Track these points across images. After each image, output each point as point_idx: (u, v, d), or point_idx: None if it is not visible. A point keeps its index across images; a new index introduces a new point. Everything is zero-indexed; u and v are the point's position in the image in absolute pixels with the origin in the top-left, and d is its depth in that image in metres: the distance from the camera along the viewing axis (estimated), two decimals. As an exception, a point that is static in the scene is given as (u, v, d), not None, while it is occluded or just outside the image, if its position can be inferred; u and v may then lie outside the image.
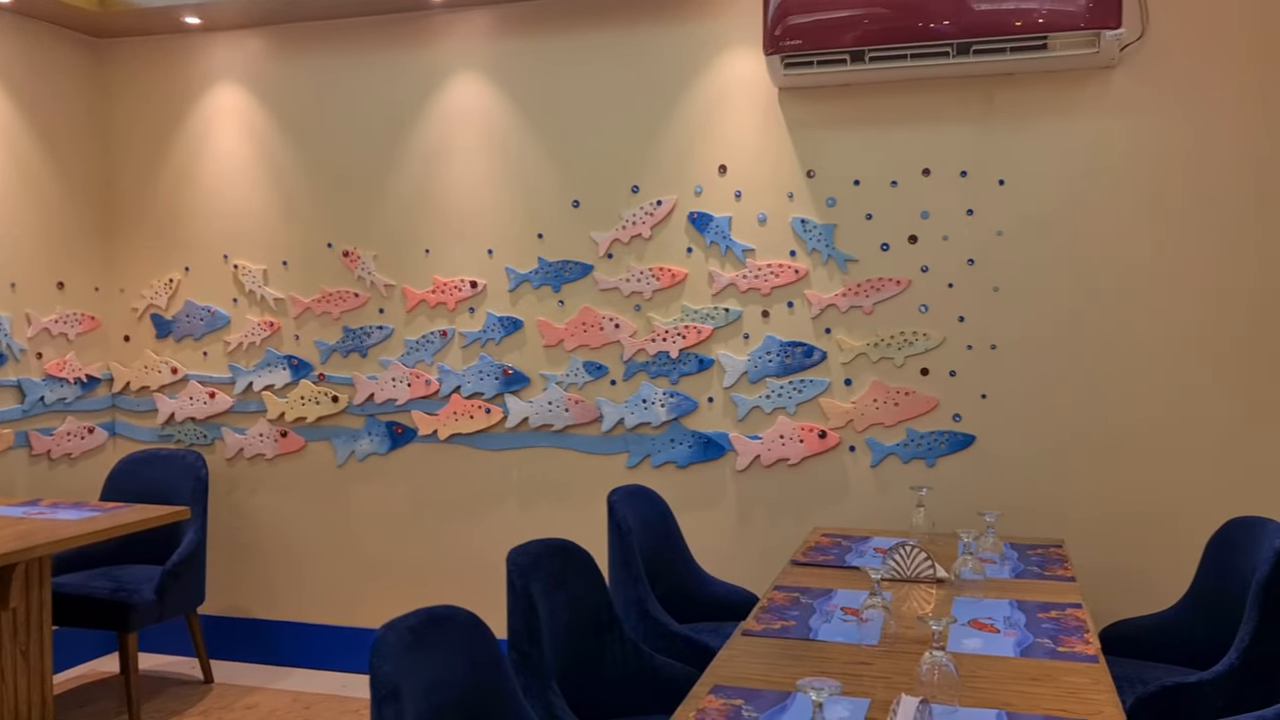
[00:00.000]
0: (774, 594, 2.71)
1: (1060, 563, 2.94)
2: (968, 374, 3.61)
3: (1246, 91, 3.30)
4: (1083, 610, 2.49)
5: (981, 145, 3.57)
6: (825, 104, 3.71)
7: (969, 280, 3.60)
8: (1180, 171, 3.38)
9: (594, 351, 3.98)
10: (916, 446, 3.67)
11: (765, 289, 3.80)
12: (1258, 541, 2.72)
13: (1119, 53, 3.37)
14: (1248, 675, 2.54)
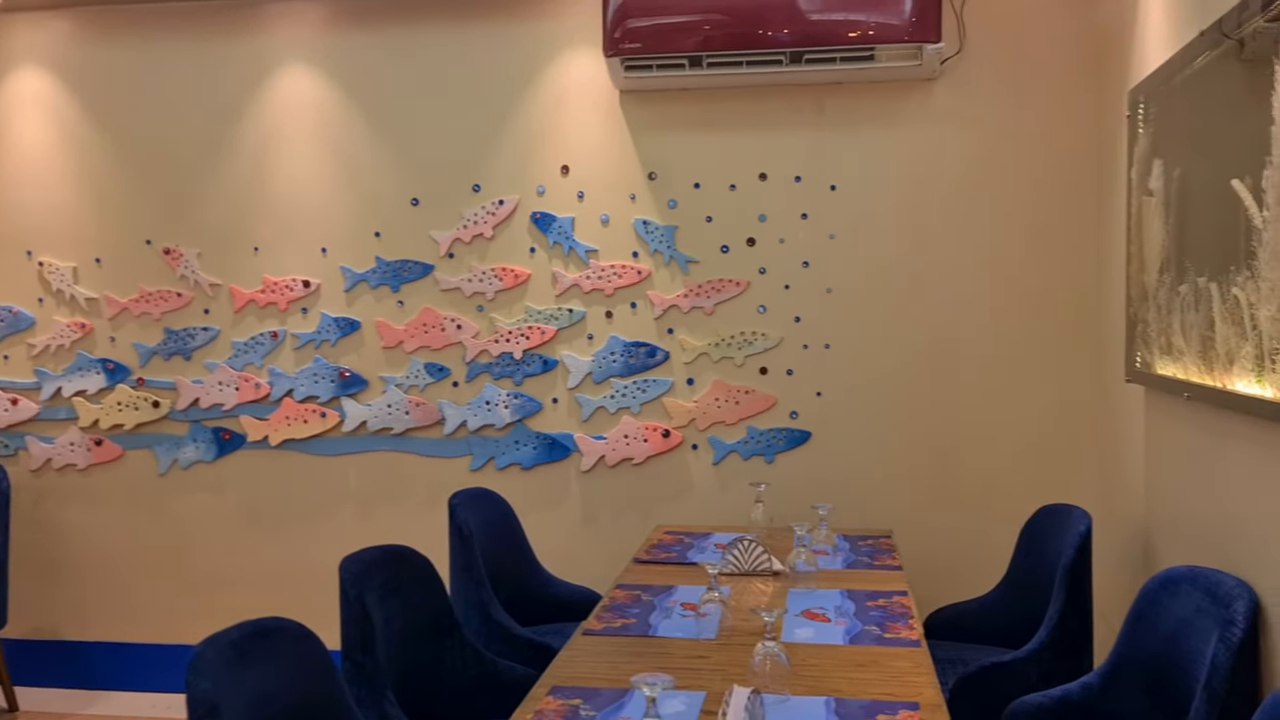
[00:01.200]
0: (616, 592, 2.72)
1: (889, 553, 3.06)
2: (804, 372, 3.72)
3: (1054, 104, 3.53)
4: (908, 597, 2.60)
5: (814, 151, 3.69)
6: (666, 107, 3.76)
7: (804, 282, 3.71)
8: (997, 178, 3.58)
9: (435, 353, 3.90)
10: (756, 444, 3.75)
11: (608, 290, 3.81)
12: (1064, 527, 2.90)
13: (940, 66, 3.54)
14: (1056, 651, 2.71)
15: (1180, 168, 2.50)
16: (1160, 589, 2.30)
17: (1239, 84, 2.20)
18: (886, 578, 2.80)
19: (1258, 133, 1.96)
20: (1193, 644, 2.13)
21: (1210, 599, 2.13)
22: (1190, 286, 2.40)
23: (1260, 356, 1.99)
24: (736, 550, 2.86)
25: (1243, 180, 2.06)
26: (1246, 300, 2.05)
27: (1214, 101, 2.31)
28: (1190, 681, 2.11)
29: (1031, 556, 3.06)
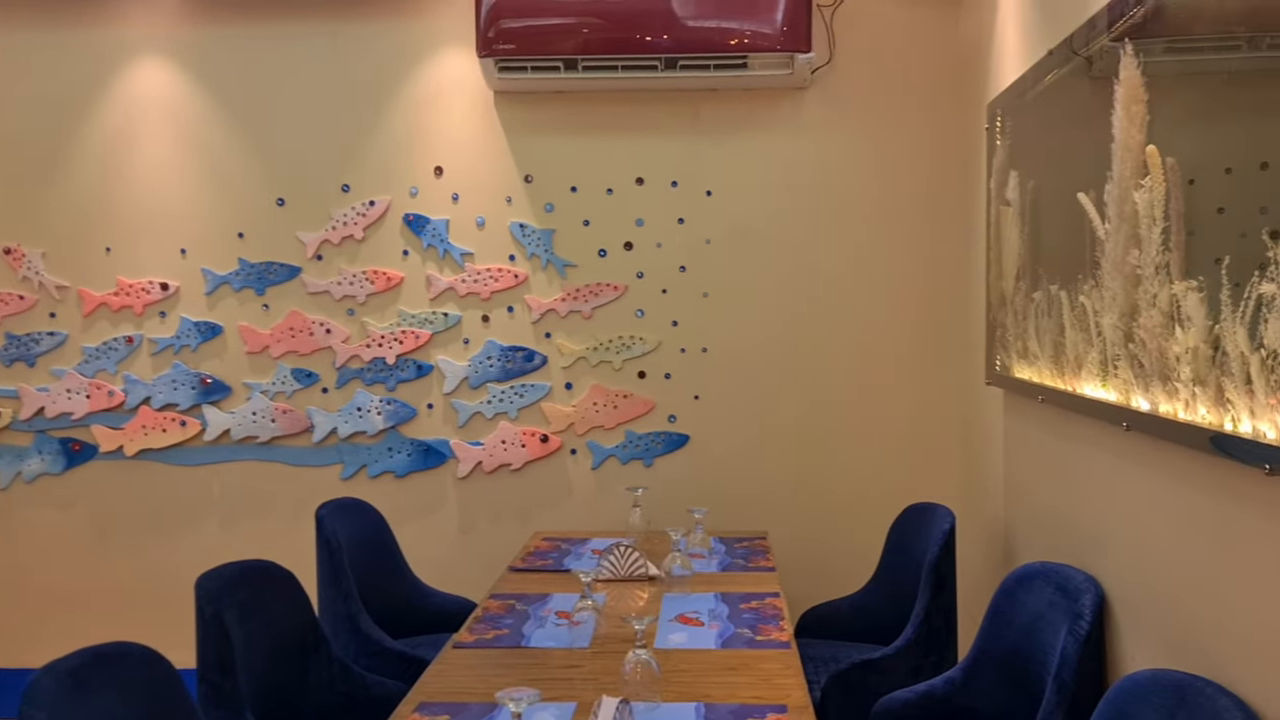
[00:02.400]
0: (489, 603, 2.67)
1: (763, 554, 3.10)
2: (682, 376, 3.74)
3: (920, 114, 3.64)
4: (780, 599, 2.64)
5: (690, 157, 3.71)
6: (542, 109, 3.72)
7: (681, 286, 3.73)
8: (866, 186, 3.67)
9: (303, 358, 3.77)
10: (635, 447, 3.75)
11: (485, 293, 3.75)
12: (929, 526, 2.99)
13: (811, 75, 3.61)
14: (923, 647, 2.79)
15: (1034, 179, 2.61)
16: (1017, 584, 2.39)
17: (1086, 100, 2.30)
18: (760, 579, 2.83)
19: (1100, 148, 2.05)
20: (1046, 637, 2.22)
21: (1061, 593, 2.22)
22: (1044, 293, 2.50)
23: (1105, 362, 2.09)
24: (613, 556, 2.85)
25: (1087, 193, 2.16)
26: (1092, 308, 2.15)
27: (1063, 116, 2.42)
28: (1044, 672, 2.20)
29: (899, 554, 3.14)
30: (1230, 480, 1.61)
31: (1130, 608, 2.03)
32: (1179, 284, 1.73)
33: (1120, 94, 1.95)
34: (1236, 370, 1.53)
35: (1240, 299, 1.51)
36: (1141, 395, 1.89)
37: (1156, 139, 1.83)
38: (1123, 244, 1.95)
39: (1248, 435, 1.50)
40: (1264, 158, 1.49)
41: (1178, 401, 1.74)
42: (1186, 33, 1.78)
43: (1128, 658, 2.03)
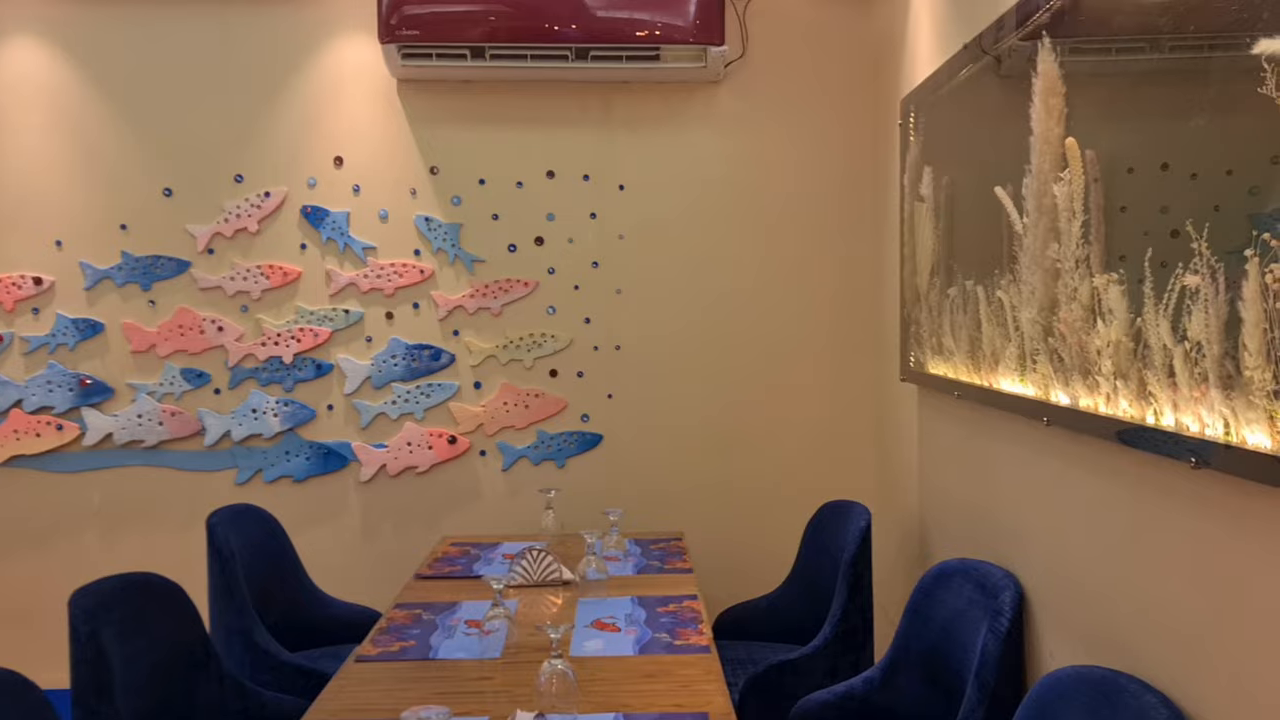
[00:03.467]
0: (394, 613, 2.54)
1: (680, 555, 3.04)
2: (595, 374, 3.66)
3: (833, 109, 3.63)
4: (698, 601, 2.57)
5: (602, 150, 3.63)
6: (448, 99, 3.59)
7: (594, 282, 3.65)
8: (780, 181, 3.64)
9: (193, 357, 3.56)
10: (547, 448, 3.65)
11: (389, 289, 3.60)
12: (846, 523, 2.97)
13: (724, 69, 3.56)
14: (841, 646, 2.76)
15: (948, 175, 2.60)
16: (935, 582, 2.37)
17: (1001, 94, 2.30)
18: (677, 581, 2.76)
19: (1017, 142, 2.04)
20: (965, 634, 2.21)
21: (980, 590, 2.21)
22: (959, 289, 2.49)
23: (1023, 357, 2.08)
24: (525, 561, 2.75)
25: (1004, 188, 2.15)
26: (1010, 303, 2.14)
27: (977, 111, 2.41)
28: (964, 671, 2.18)
29: (816, 553, 3.11)
30: (1153, 474, 1.60)
31: (1049, 604, 2.02)
32: (1099, 277, 1.72)
33: (1038, 86, 1.94)
34: (1159, 363, 1.52)
35: (1163, 291, 1.49)
36: (1062, 390, 1.88)
37: (1074, 132, 1.82)
38: (1042, 238, 1.94)
39: (1170, 429, 1.49)
40: (1174, 154, 1.48)
41: (1099, 395, 1.73)
42: (1095, 32, 1.77)
43: (1047, 654, 2.02)
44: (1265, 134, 1.25)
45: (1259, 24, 1.26)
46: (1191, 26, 1.45)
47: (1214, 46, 1.44)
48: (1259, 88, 1.25)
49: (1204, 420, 1.40)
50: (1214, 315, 1.36)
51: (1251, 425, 1.29)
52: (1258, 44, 1.25)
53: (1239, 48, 1.30)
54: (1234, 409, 1.33)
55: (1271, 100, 1.22)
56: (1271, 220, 1.24)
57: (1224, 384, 1.35)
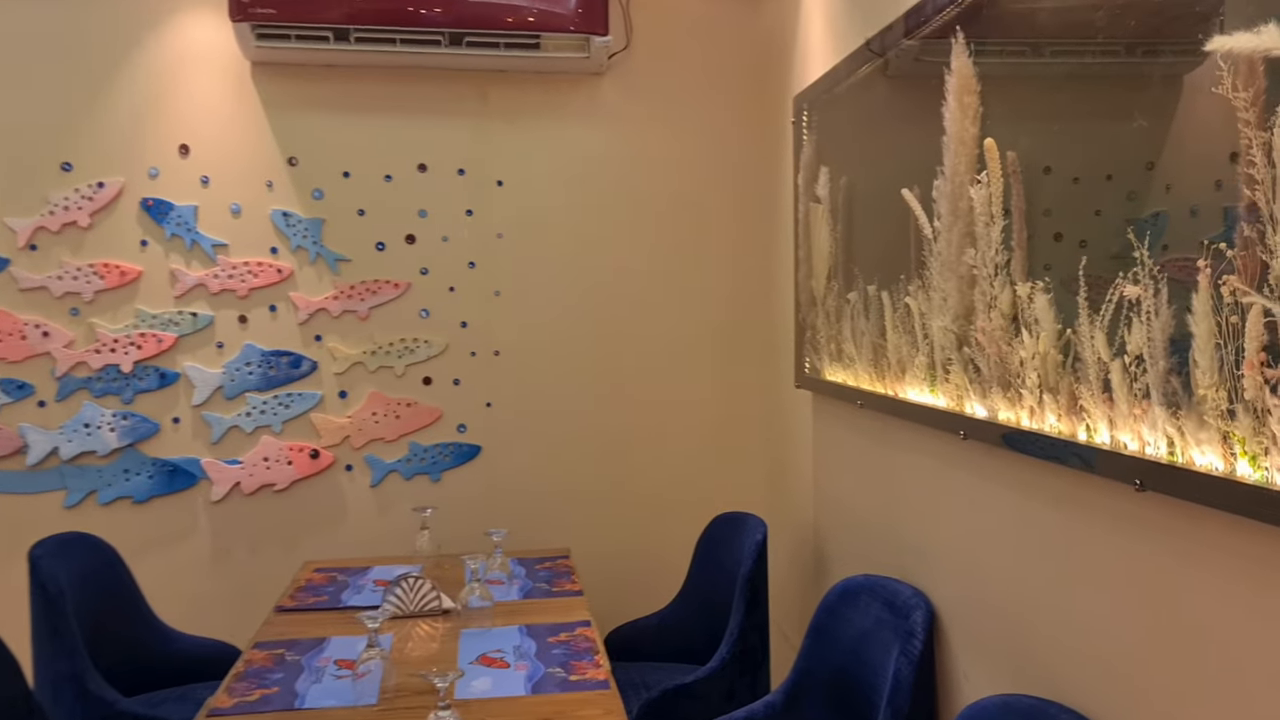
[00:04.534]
0: (253, 654, 2.28)
1: (568, 575, 2.86)
2: (472, 382, 3.44)
3: (721, 106, 3.51)
4: (591, 629, 2.40)
5: (478, 143, 3.41)
6: (308, 84, 3.31)
7: (471, 284, 3.43)
8: (667, 179, 3.50)
9: (14, 366, 3.17)
10: (420, 461, 3.41)
11: (242, 291, 3.29)
12: (740, 536, 2.86)
13: (607, 60, 3.40)
14: (738, 667, 2.64)
15: (846, 175, 2.51)
16: (840, 599, 2.28)
17: (903, 95, 2.22)
18: (568, 606, 2.58)
19: (927, 143, 1.95)
20: (874, 656, 2.11)
21: (889, 609, 2.12)
22: (860, 294, 2.40)
23: (933, 366, 1.99)
24: (400, 589, 2.52)
25: (912, 190, 2.06)
26: (919, 310, 2.05)
27: (877, 111, 2.33)
28: (872, 694, 2.09)
29: (709, 567, 2.99)
30: (1086, 493, 1.52)
31: (963, 625, 1.94)
32: (1022, 285, 1.64)
33: (952, 84, 1.85)
34: (1094, 377, 1.44)
35: (1100, 302, 1.41)
36: (979, 402, 1.80)
37: (990, 132, 1.74)
38: (957, 242, 1.85)
39: (1106, 446, 1.41)
40: (1095, 157, 1.40)
41: (1021, 409, 1.65)
42: (1012, 29, 1.69)
43: (961, 677, 1.94)
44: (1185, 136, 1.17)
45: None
46: (1101, 33, 1.38)
47: (1129, 51, 1.37)
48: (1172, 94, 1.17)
49: (1145, 439, 1.33)
50: (1158, 329, 1.28)
51: (1202, 446, 1.21)
52: (1210, 41, 1.17)
53: (1158, 53, 1.22)
54: (1181, 428, 1.25)
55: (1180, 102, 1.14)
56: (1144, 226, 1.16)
57: (1169, 401, 1.27)
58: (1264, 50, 1.09)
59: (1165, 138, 1.37)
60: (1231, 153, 1.22)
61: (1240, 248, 1.14)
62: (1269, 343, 1.10)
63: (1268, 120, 1.09)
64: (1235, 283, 1.14)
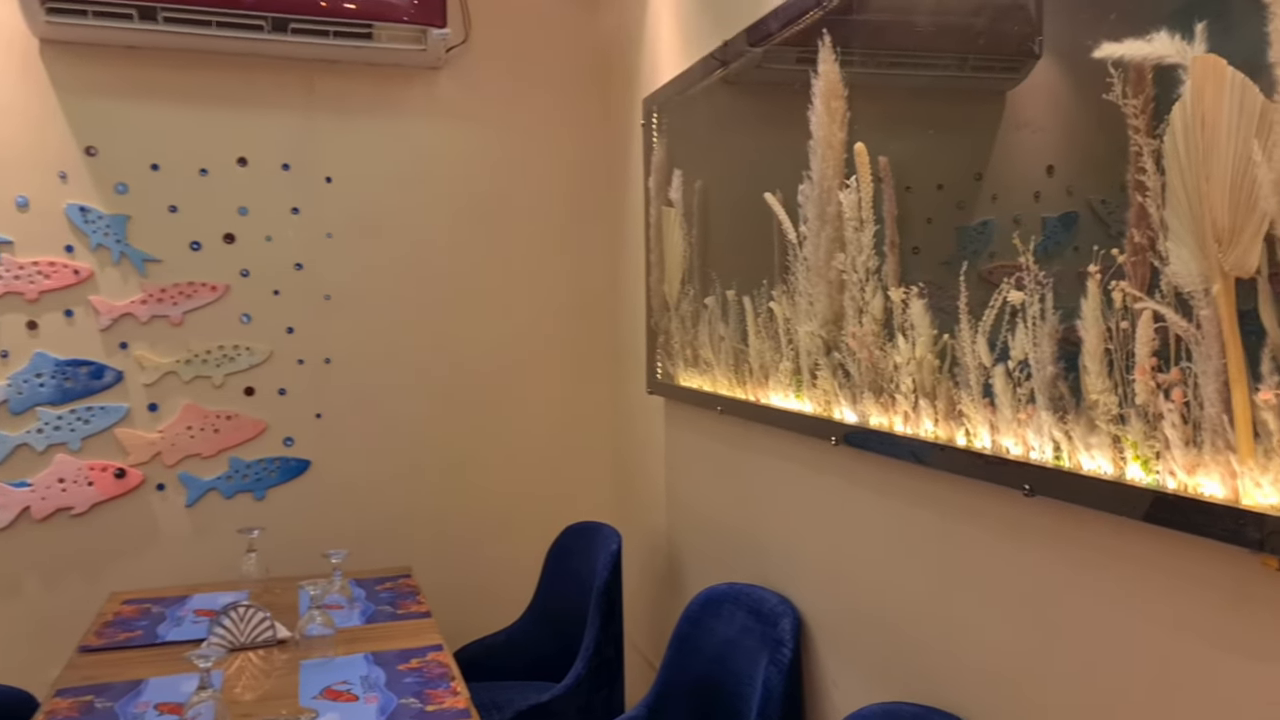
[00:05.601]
0: (55, 703, 2.01)
1: (412, 596, 2.70)
2: (300, 392, 3.21)
3: (563, 105, 3.42)
4: (444, 653, 2.26)
5: (305, 137, 3.19)
6: (109, 67, 3.00)
7: (298, 287, 3.20)
8: (508, 178, 3.38)
9: None
10: (242, 478, 3.15)
11: (31, 294, 2.94)
12: (594, 547, 2.78)
13: (445, 54, 3.25)
14: (595, 682, 2.57)
15: (701, 179, 2.48)
16: (703, 609, 2.24)
17: (757, 101, 2.21)
18: (415, 629, 2.43)
19: (791, 147, 1.94)
20: (740, 665, 2.08)
21: (755, 618, 2.10)
22: (718, 299, 2.37)
23: (799, 372, 1.98)
24: (229, 619, 2.30)
25: (775, 194, 2.05)
26: (783, 315, 2.04)
27: (733, 116, 2.31)
28: (739, 704, 2.06)
29: (561, 580, 2.90)
30: (963, 498, 1.53)
31: (832, 632, 1.94)
32: (896, 290, 1.64)
33: (819, 88, 1.85)
34: (974, 382, 1.45)
35: (981, 307, 1.42)
36: (849, 407, 1.79)
37: (858, 137, 1.74)
38: (825, 247, 1.84)
39: (987, 451, 1.42)
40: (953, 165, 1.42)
41: (895, 413, 1.65)
42: (875, 36, 1.70)
43: (830, 684, 1.94)
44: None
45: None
46: (942, 48, 1.40)
47: (960, 65, 1.40)
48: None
49: (1030, 443, 1.34)
50: (1045, 334, 1.30)
51: (1093, 450, 1.22)
52: (1103, 49, 1.19)
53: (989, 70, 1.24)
54: (1069, 432, 1.26)
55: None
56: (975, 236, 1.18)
57: (1056, 406, 1.28)
58: (1154, 58, 1.11)
59: (991, 150, 1.42)
60: (1048, 165, 1.29)
61: (1130, 253, 1.16)
62: (1160, 347, 1.12)
63: (1157, 128, 1.11)
64: (1126, 288, 1.16)
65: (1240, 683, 1.06)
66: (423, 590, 2.78)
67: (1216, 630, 1.09)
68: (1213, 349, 1.05)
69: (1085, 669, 1.29)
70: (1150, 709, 1.19)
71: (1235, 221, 1.02)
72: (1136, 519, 1.15)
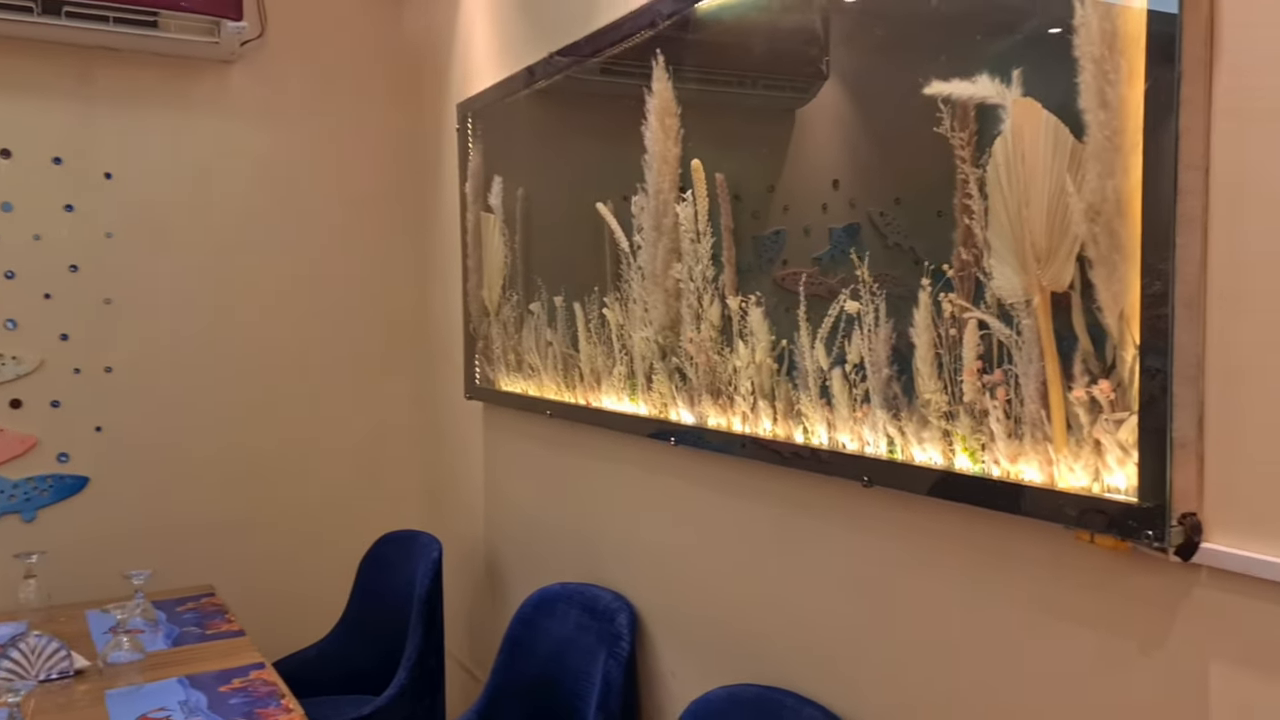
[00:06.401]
0: None
1: (220, 615, 2.57)
2: (76, 403, 2.96)
3: (366, 106, 3.34)
4: (268, 670, 2.18)
5: (81, 129, 2.95)
6: None
7: (72, 290, 2.95)
8: (307, 179, 3.26)
9: None
10: (9, 498, 2.87)
11: None
12: (412, 556, 2.75)
13: (239, 48, 3.10)
14: (415, 692, 2.55)
15: (524, 187, 2.52)
16: (536, 610, 2.28)
17: (584, 114, 2.27)
18: (230, 649, 2.32)
19: (625, 160, 2.02)
20: (578, 662, 2.14)
21: (590, 615, 2.16)
22: (544, 305, 2.42)
23: (633, 376, 2.06)
24: (17, 652, 2.11)
25: (606, 204, 2.12)
26: (617, 321, 2.11)
27: (559, 127, 2.36)
28: (577, 700, 2.11)
29: (376, 590, 2.84)
30: (800, 492, 1.65)
31: (669, 624, 2.03)
32: (733, 299, 1.75)
33: (654, 105, 1.94)
34: (812, 385, 1.58)
35: (820, 315, 1.55)
36: (686, 409, 1.89)
37: (692, 153, 1.84)
38: (663, 258, 1.94)
39: (823, 447, 1.55)
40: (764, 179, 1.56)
41: (734, 414, 1.76)
42: (707, 56, 1.81)
43: (668, 674, 2.03)
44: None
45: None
46: (750, 69, 1.54)
47: (753, 84, 1.56)
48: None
49: (865, 439, 1.48)
50: (880, 340, 1.44)
51: (925, 444, 1.38)
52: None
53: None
54: (902, 428, 1.41)
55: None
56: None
57: (890, 405, 1.43)
58: (978, 98, 1.27)
59: (783, 163, 1.60)
60: (834, 179, 1.49)
61: (958, 269, 1.31)
62: (985, 352, 1.28)
63: (980, 158, 1.27)
64: (954, 299, 1.32)
65: (1059, 640, 1.23)
66: (230, 608, 2.65)
67: (1038, 597, 1.26)
68: (1033, 353, 1.21)
69: (924, 641, 1.44)
70: (981, 669, 1.35)
71: (1051, 243, 1.19)
72: (966, 504, 1.31)
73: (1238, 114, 1.02)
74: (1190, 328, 1.05)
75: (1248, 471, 1.02)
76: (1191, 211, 1.05)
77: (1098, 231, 1.13)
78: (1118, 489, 1.12)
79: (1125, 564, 1.14)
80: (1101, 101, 1.12)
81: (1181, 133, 1.04)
